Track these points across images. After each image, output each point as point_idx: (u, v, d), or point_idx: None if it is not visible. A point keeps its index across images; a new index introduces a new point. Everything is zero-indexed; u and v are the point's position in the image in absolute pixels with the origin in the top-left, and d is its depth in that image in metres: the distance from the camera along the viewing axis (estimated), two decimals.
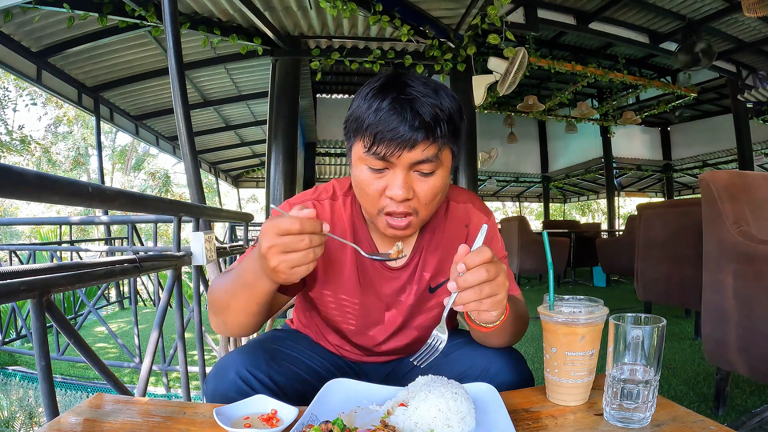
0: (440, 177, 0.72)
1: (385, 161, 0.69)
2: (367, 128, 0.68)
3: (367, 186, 0.72)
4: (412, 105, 0.67)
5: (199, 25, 3.73)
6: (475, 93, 4.16)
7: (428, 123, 0.67)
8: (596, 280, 5.91)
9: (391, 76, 0.71)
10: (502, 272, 0.63)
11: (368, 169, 0.71)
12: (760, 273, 1.45)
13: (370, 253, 0.76)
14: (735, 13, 4.37)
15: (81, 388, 2.94)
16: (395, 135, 0.66)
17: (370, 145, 0.68)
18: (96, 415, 0.64)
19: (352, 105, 0.72)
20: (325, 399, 0.66)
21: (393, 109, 0.67)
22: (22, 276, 0.89)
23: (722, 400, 1.73)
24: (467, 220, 0.88)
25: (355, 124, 0.71)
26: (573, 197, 14.49)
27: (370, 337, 0.89)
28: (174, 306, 1.69)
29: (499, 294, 0.62)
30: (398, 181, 0.69)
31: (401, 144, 0.67)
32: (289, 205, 0.84)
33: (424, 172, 0.71)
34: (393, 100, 0.67)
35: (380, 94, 0.68)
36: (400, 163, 0.69)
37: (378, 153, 0.68)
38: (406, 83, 0.69)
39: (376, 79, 0.72)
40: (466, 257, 0.61)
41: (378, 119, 0.67)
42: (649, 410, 0.61)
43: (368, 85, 0.72)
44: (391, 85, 0.69)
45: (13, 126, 11.81)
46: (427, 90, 0.69)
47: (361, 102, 0.70)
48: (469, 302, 0.61)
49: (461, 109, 0.73)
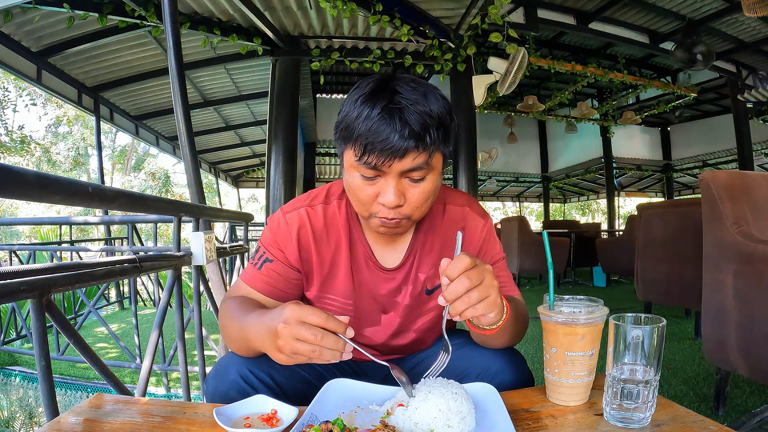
0: (431, 182, 0.73)
1: (376, 170, 0.70)
2: (357, 138, 0.68)
3: (359, 192, 0.73)
4: (401, 114, 0.67)
5: (199, 25, 3.73)
6: (475, 93, 4.16)
7: (418, 133, 0.67)
8: (596, 280, 5.91)
9: (381, 82, 0.71)
10: (488, 274, 0.63)
11: (360, 176, 0.72)
12: (760, 273, 1.44)
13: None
14: (735, 13, 4.37)
15: (81, 388, 2.94)
16: (385, 146, 0.66)
17: (360, 154, 0.69)
18: (96, 415, 0.64)
19: (342, 109, 0.73)
20: (325, 399, 0.66)
21: (382, 119, 0.66)
22: (22, 276, 0.89)
23: (722, 400, 1.73)
24: (464, 222, 0.88)
25: (345, 132, 0.71)
26: (573, 197, 14.48)
27: (367, 339, 0.90)
28: (174, 306, 1.69)
29: (490, 296, 0.62)
30: (390, 188, 0.70)
31: (391, 154, 0.67)
32: (283, 213, 0.85)
33: (415, 178, 0.71)
34: (383, 109, 0.67)
35: (370, 102, 0.68)
36: (391, 172, 0.70)
37: (369, 163, 0.68)
38: (395, 90, 0.69)
39: (366, 83, 0.72)
40: (447, 269, 0.61)
41: (368, 129, 0.67)
42: (649, 410, 0.61)
43: (358, 90, 0.71)
44: (381, 92, 0.69)
45: (13, 126, 11.81)
46: (416, 96, 0.68)
47: (351, 109, 0.70)
48: (463, 311, 0.61)
49: (451, 111, 0.73)
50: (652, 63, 6.48)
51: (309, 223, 0.83)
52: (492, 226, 0.91)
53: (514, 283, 0.90)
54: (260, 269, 0.84)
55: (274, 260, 0.84)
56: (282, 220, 0.84)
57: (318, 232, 0.84)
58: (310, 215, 0.84)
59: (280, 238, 0.84)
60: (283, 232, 0.83)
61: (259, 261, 0.84)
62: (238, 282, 0.87)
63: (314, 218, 0.84)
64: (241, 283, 0.86)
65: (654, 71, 6.57)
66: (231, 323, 0.75)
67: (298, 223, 0.83)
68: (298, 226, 0.83)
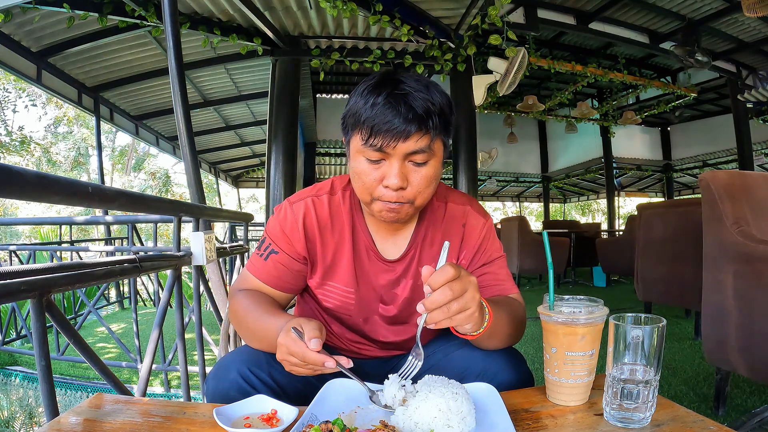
0: (433, 167, 0.76)
1: (381, 152, 0.73)
2: (364, 122, 0.72)
3: (365, 176, 0.76)
4: (405, 99, 0.71)
5: (199, 25, 3.72)
6: (475, 93, 4.16)
7: (420, 115, 0.71)
8: (596, 280, 5.91)
9: (386, 74, 0.76)
10: (471, 286, 0.63)
11: (366, 160, 0.75)
12: (760, 273, 1.44)
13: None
14: (735, 13, 4.37)
15: (81, 388, 2.94)
16: (390, 127, 0.70)
17: (367, 137, 0.72)
18: (96, 415, 0.64)
19: (350, 102, 0.77)
20: (325, 399, 0.66)
21: (388, 103, 0.71)
22: (22, 276, 0.89)
23: (722, 400, 1.73)
24: (464, 219, 0.90)
25: (352, 119, 0.75)
26: (573, 197, 14.48)
27: (368, 329, 0.91)
28: (174, 306, 1.69)
29: (469, 309, 0.63)
30: (394, 170, 0.73)
31: (396, 135, 0.71)
32: (290, 203, 0.87)
33: (418, 162, 0.74)
34: (388, 95, 0.71)
35: (375, 91, 0.72)
36: (396, 154, 0.73)
37: (375, 144, 0.72)
38: (400, 80, 0.73)
39: (371, 77, 0.76)
40: (430, 278, 0.62)
41: (374, 113, 0.71)
42: (649, 410, 0.61)
43: (364, 83, 0.76)
44: (386, 82, 0.73)
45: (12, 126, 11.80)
46: (419, 86, 0.73)
47: (358, 99, 0.74)
48: (440, 321, 0.62)
49: (451, 104, 0.77)
50: (652, 63, 6.48)
51: (314, 212, 0.86)
52: (492, 225, 0.93)
53: (514, 281, 0.90)
54: (266, 260, 0.87)
55: (280, 252, 0.86)
56: (288, 209, 0.87)
57: (323, 221, 0.86)
58: (316, 205, 0.87)
59: (287, 228, 0.86)
60: (290, 221, 0.86)
61: (264, 252, 0.87)
62: (243, 272, 0.89)
63: (320, 208, 0.87)
64: (247, 273, 0.88)
65: (654, 71, 6.57)
66: (245, 319, 0.81)
67: (304, 212, 0.86)
68: (304, 214, 0.86)
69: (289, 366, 0.67)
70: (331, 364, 0.63)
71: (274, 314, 0.77)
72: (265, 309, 0.79)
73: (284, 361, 0.67)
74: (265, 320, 0.76)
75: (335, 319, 0.92)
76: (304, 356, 0.64)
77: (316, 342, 0.64)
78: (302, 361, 0.65)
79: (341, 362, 0.64)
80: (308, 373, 0.67)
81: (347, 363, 0.64)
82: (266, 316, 0.77)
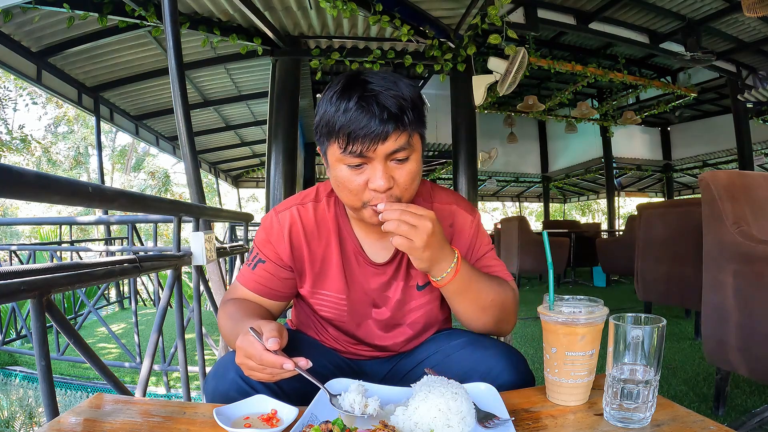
0: (415, 161, 0.76)
1: (362, 157, 0.72)
2: (339, 130, 0.71)
3: (349, 183, 0.75)
4: (377, 99, 0.70)
5: (199, 25, 3.72)
6: (475, 93, 4.16)
7: (395, 114, 0.70)
8: (596, 280, 5.91)
9: (350, 76, 0.74)
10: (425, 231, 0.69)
11: (347, 167, 0.74)
12: (760, 273, 1.44)
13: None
14: (735, 13, 4.37)
15: (81, 388, 2.94)
16: (368, 131, 0.69)
17: (345, 145, 0.71)
18: (96, 415, 0.64)
19: (319, 110, 0.75)
20: (325, 399, 0.66)
21: (360, 107, 0.70)
22: (22, 276, 0.89)
23: (722, 400, 1.73)
24: (451, 219, 0.90)
25: (326, 129, 0.73)
26: (573, 197, 14.48)
27: (363, 332, 0.91)
28: (174, 306, 1.69)
29: (415, 240, 0.69)
30: (378, 173, 0.72)
31: (375, 138, 0.70)
32: (276, 213, 0.88)
33: (400, 159, 0.74)
34: (359, 98, 0.70)
35: (344, 95, 0.71)
36: (377, 156, 0.72)
37: (354, 151, 0.71)
38: (366, 80, 0.72)
39: (336, 82, 0.74)
40: None
41: (348, 119, 0.70)
42: (649, 410, 0.61)
43: (330, 89, 0.74)
44: (353, 85, 0.72)
45: (12, 126, 11.80)
46: (387, 83, 0.72)
47: (328, 106, 0.73)
48: (389, 221, 0.70)
49: (421, 95, 0.77)
50: (652, 63, 6.48)
51: (300, 221, 0.86)
52: (480, 220, 0.93)
53: (507, 270, 0.91)
54: (254, 270, 0.87)
55: (267, 260, 0.86)
56: (274, 219, 0.87)
57: (309, 229, 0.86)
58: (301, 213, 0.87)
59: (273, 237, 0.86)
60: (275, 231, 0.86)
61: (252, 262, 0.88)
62: (234, 283, 0.90)
63: (305, 216, 0.87)
64: (237, 284, 0.89)
65: (654, 71, 6.57)
66: (226, 326, 0.81)
67: (290, 221, 0.86)
68: (290, 224, 0.86)
69: (247, 370, 0.65)
70: (290, 366, 0.62)
71: (251, 319, 0.75)
72: (245, 314, 0.78)
73: (242, 365, 0.65)
74: (241, 326, 0.73)
75: (331, 325, 0.92)
76: (261, 358, 0.62)
77: (274, 342, 0.62)
78: (260, 364, 0.62)
79: (299, 364, 0.62)
80: (267, 379, 0.64)
81: (306, 364, 0.63)
82: (244, 320, 0.74)
